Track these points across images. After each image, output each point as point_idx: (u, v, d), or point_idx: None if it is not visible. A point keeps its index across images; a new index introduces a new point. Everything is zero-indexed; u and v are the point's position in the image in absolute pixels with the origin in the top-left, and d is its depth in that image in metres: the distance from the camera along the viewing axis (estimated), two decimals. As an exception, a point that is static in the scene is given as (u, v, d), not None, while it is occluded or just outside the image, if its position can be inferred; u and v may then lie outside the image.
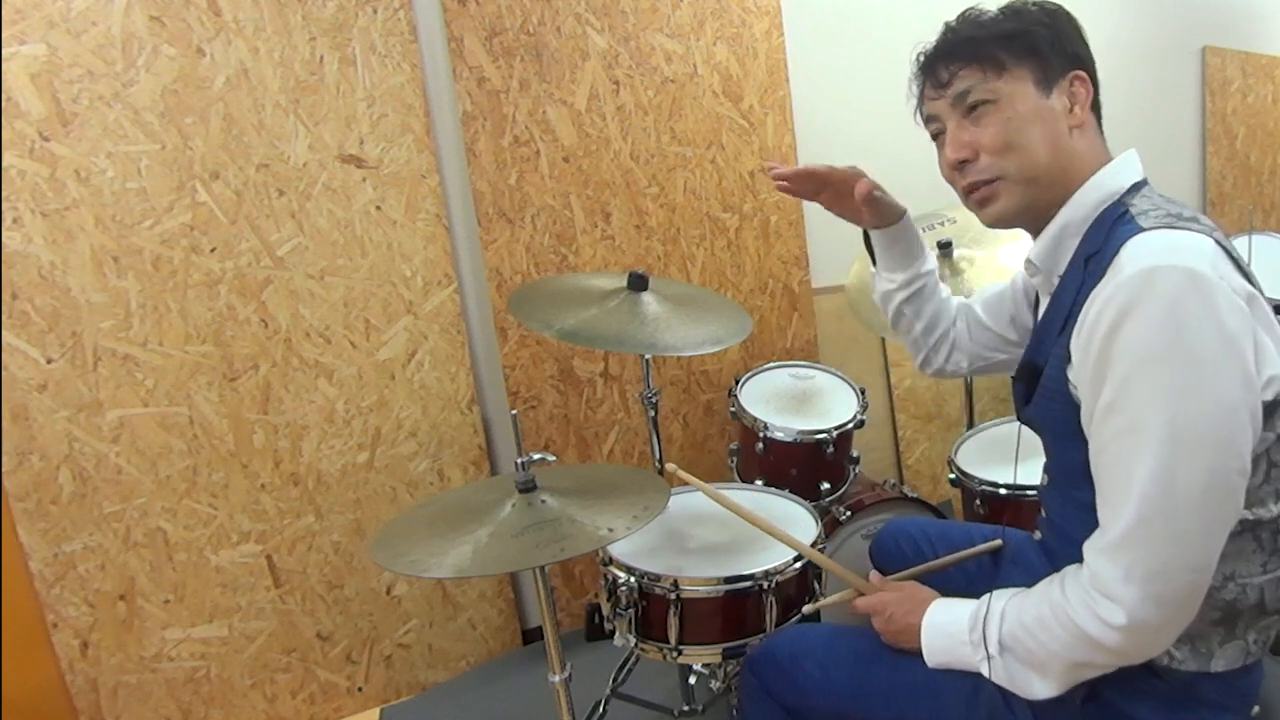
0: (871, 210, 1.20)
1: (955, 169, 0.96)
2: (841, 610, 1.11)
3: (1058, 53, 0.92)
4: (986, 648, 0.89)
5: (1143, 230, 0.81)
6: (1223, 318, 0.75)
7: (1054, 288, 0.94)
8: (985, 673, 0.90)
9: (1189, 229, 0.80)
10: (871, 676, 1.01)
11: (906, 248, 1.23)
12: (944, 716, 0.96)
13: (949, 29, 0.96)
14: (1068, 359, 0.86)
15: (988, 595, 0.93)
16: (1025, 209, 0.94)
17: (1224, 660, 0.86)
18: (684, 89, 2.12)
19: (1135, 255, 0.79)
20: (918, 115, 1.04)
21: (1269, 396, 0.78)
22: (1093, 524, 0.84)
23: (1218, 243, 0.80)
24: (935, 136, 1.00)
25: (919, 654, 0.97)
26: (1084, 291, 0.84)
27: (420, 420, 1.89)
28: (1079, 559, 0.86)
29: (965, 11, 0.97)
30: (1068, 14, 0.95)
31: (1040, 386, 0.93)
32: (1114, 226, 0.86)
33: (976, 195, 0.96)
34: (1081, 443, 0.85)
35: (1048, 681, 0.86)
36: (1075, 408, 0.86)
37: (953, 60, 0.94)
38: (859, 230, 1.31)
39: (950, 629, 0.95)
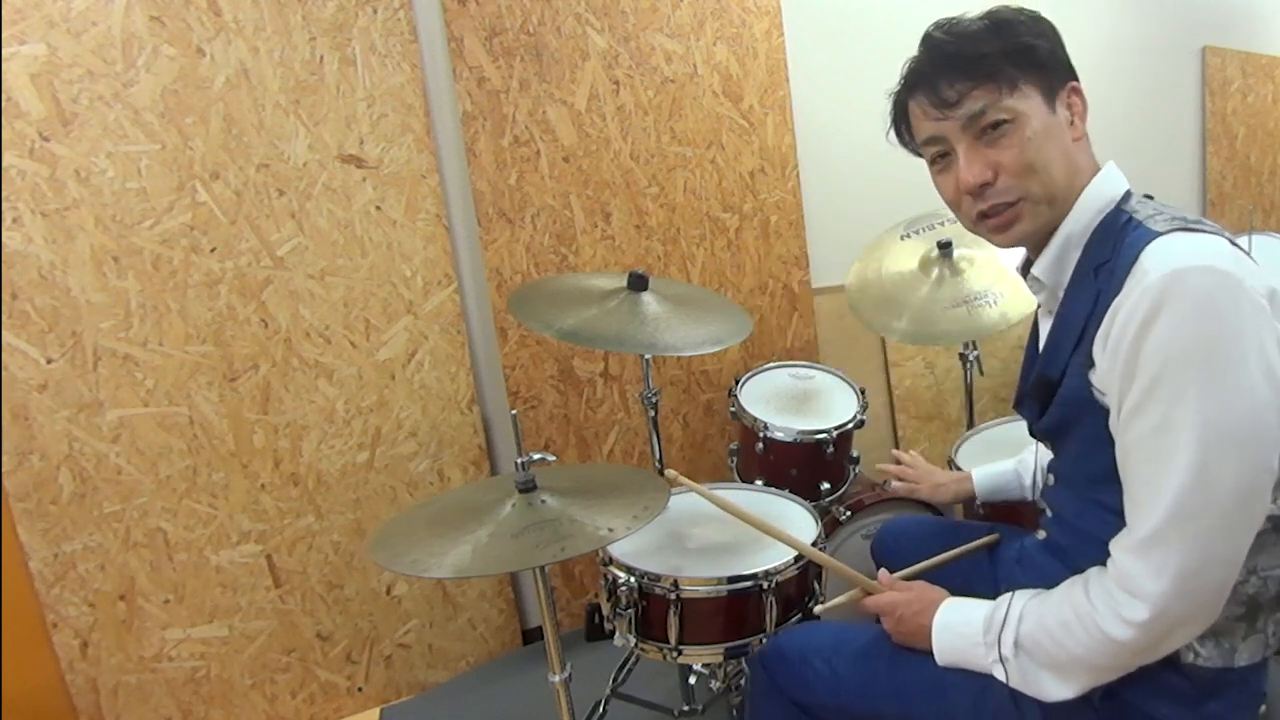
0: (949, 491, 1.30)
1: (973, 193, 0.92)
2: (848, 609, 1.11)
3: (1056, 63, 0.91)
4: (1000, 650, 0.89)
5: (1159, 235, 0.81)
6: (1248, 316, 0.75)
7: (1058, 303, 0.94)
8: (1000, 675, 0.90)
9: (1202, 231, 0.81)
10: (879, 673, 1.01)
11: (1006, 489, 1.32)
12: (952, 714, 0.96)
13: (942, 43, 0.92)
14: (1090, 366, 0.86)
15: (1006, 596, 0.93)
16: (1043, 227, 0.92)
17: (1247, 654, 0.86)
18: (684, 89, 2.12)
19: (1159, 259, 0.79)
20: (895, 137, 1.02)
21: None
22: (1117, 526, 0.83)
23: (1230, 242, 0.80)
24: (935, 160, 0.97)
25: (929, 654, 0.97)
26: (1101, 301, 0.83)
27: (420, 420, 1.89)
28: (1098, 558, 0.86)
29: (950, 25, 0.92)
30: (1048, 23, 0.93)
31: (1058, 397, 0.92)
32: (1121, 233, 0.86)
33: (996, 220, 0.92)
34: (1107, 448, 0.85)
35: (1065, 684, 0.86)
36: (1101, 413, 0.86)
37: (960, 79, 0.89)
38: (859, 230, 1.31)
39: (963, 630, 0.94)
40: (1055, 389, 0.92)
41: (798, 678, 1.05)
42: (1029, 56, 0.89)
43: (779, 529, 1.21)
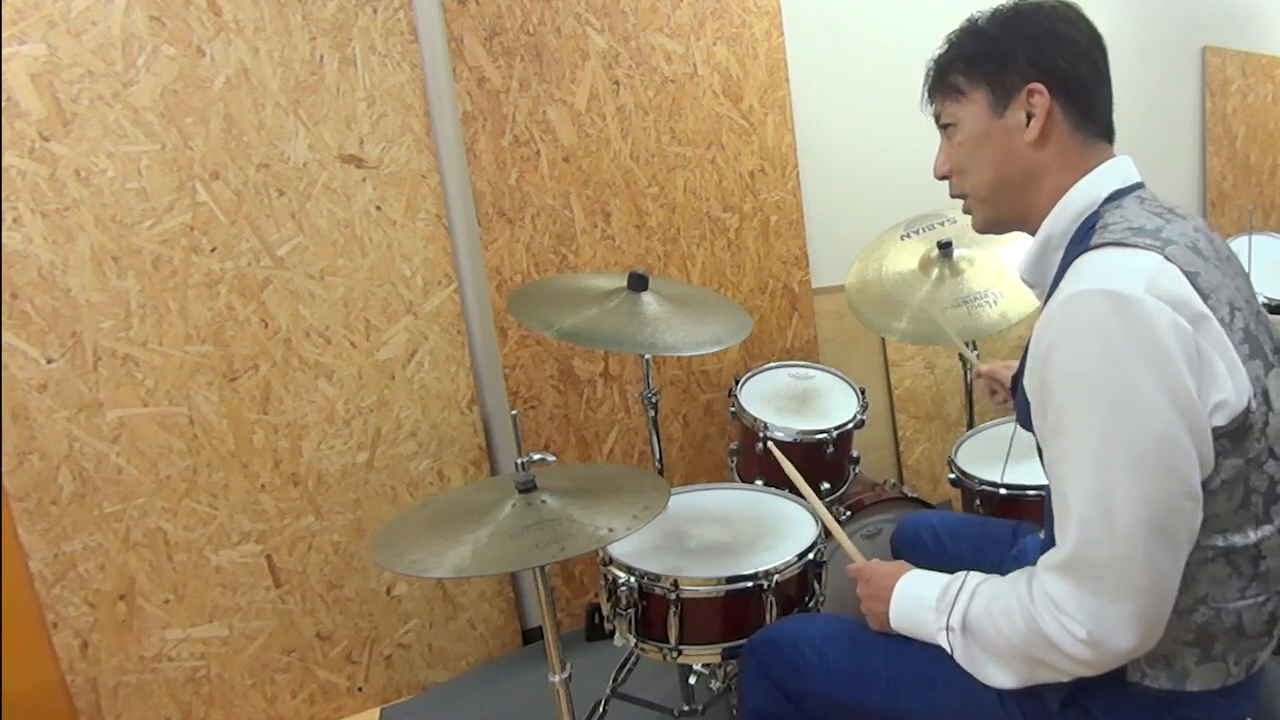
0: None
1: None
2: (844, 603, 1.12)
3: (1011, 67, 0.91)
4: (949, 620, 0.90)
5: (1090, 249, 0.81)
6: (1148, 340, 0.74)
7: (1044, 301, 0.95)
8: (945, 645, 0.91)
9: (1135, 245, 0.79)
10: (868, 663, 1.02)
11: None
12: (939, 709, 0.97)
13: (944, 45, 1.00)
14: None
15: (963, 573, 0.93)
16: (996, 222, 0.99)
17: (1200, 681, 0.84)
18: (684, 89, 2.12)
19: (1072, 277, 0.80)
20: None
21: (1220, 421, 0.76)
22: None
23: (1168, 258, 0.77)
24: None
25: (921, 646, 0.97)
26: None
27: (420, 420, 1.89)
28: None
29: (964, 22, 0.99)
30: (1034, 16, 0.92)
31: (1018, 398, 0.94)
32: (1082, 240, 0.86)
33: (963, 207, 1.02)
34: None
35: (1004, 671, 0.87)
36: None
37: (931, 84, 1.00)
38: (859, 230, 1.32)
39: (919, 593, 0.96)
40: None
41: (788, 665, 1.06)
42: (975, 64, 0.94)
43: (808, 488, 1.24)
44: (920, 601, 0.95)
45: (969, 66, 0.94)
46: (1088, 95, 0.92)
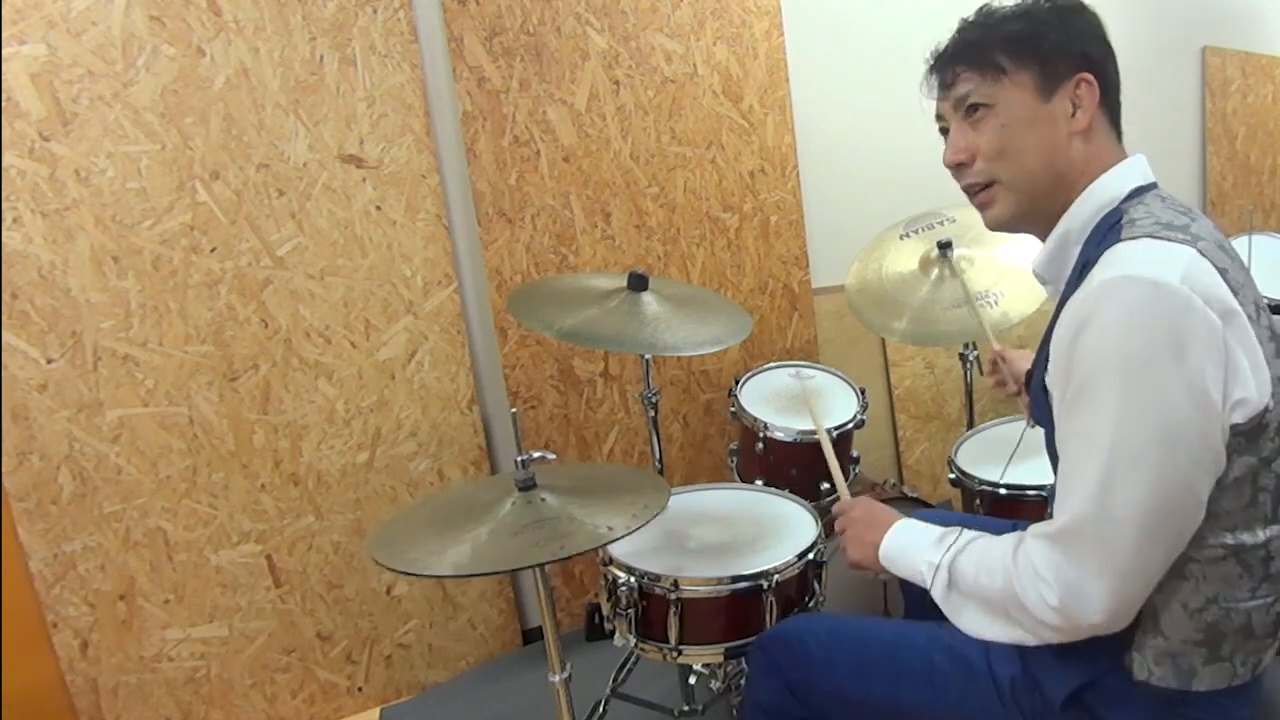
0: None
1: (954, 170, 0.97)
2: (844, 602, 1.12)
3: (1064, 55, 0.90)
4: (941, 559, 0.92)
5: (1123, 240, 0.81)
6: (1180, 331, 0.74)
7: (1059, 297, 0.94)
8: (925, 576, 0.94)
9: (1170, 239, 0.79)
10: (872, 658, 1.03)
11: None
12: (937, 703, 0.97)
13: (960, 28, 0.96)
14: (1047, 363, 0.87)
15: (958, 528, 0.97)
16: (1021, 215, 0.95)
17: (1207, 681, 0.85)
18: (684, 89, 2.12)
19: (1107, 265, 0.80)
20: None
21: (1239, 419, 0.77)
22: None
23: (1201, 253, 0.78)
24: (943, 133, 1.01)
25: (916, 641, 0.99)
26: None
27: (420, 420, 1.89)
28: None
29: (980, 8, 0.96)
30: (1082, 9, 0.93)
31: (1032, 391, 0.94)
32: (1107, 235, 0.86)
33: (975, 199, 0.98)
34: None
35: (978, 621, 0.89)
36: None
37: (956, 62, 0.94)
38: (859, 230, 1.31)
39: (918, 536, 0.99)
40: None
41: (795, 659, 1.08)
42: (1027, 46, 0.90)
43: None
44: (920, 533, 0.99)
45: (1016, 47, 0.90)
46: (1115, 97, 0.95)
